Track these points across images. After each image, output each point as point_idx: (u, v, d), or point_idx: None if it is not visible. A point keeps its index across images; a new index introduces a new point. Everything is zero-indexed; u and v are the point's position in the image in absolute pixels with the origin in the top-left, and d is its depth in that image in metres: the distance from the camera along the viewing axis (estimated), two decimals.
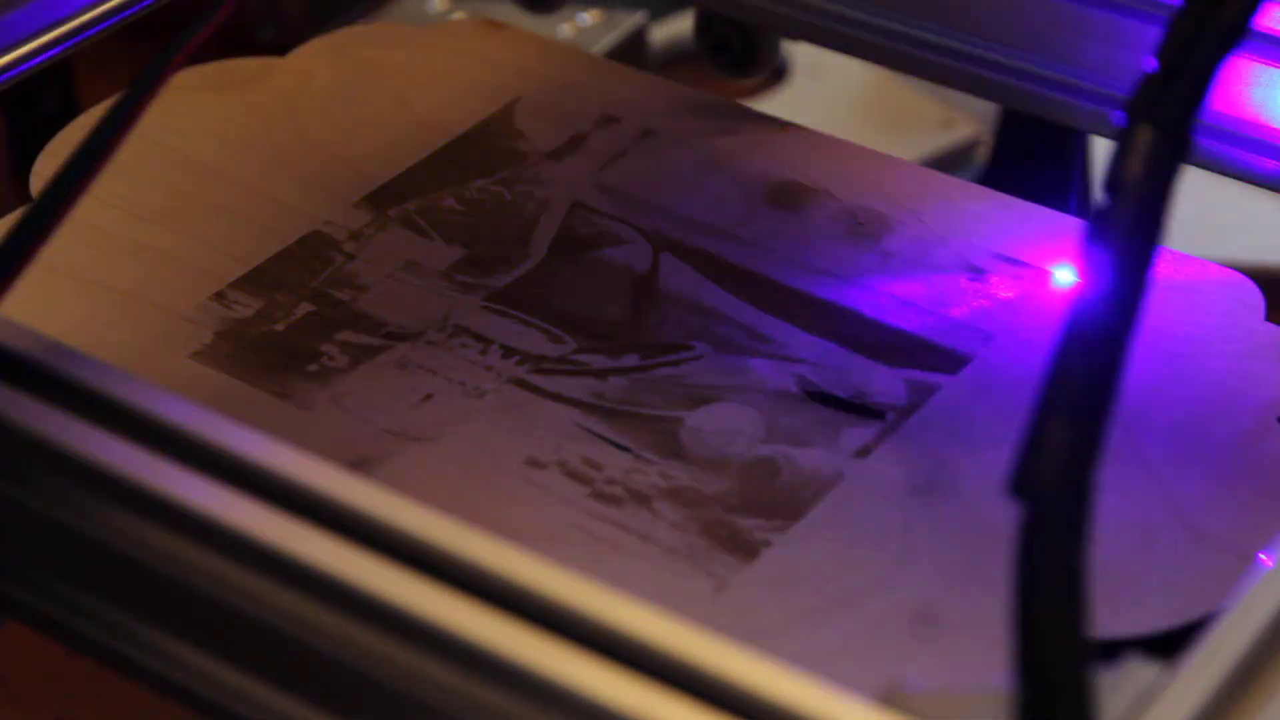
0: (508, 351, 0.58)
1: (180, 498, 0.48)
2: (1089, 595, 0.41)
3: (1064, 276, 0.60)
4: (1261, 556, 0.45)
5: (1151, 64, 0.43)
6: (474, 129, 0.66)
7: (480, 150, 0.66)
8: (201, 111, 0.67)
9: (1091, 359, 0.42)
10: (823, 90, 0.82)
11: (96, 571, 0.51)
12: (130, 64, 0.84)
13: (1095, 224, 0.43)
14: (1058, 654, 0.41)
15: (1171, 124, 0.43)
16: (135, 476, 0.49)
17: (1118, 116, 0.43)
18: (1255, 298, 0.60)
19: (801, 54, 0.83)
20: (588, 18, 0.81)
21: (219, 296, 0.60)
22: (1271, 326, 0.59)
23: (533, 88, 0.68)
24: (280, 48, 0.70)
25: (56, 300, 0.59)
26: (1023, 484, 0.41)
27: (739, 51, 0.70)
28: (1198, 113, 0.43)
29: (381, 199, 0.64)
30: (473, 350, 0.58)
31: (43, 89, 0.76)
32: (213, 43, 0.77)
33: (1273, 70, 0.61)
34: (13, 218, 0.62)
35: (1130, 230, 0.43)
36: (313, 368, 0.58)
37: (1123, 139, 0.43)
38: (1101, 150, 0.77)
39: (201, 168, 0.65)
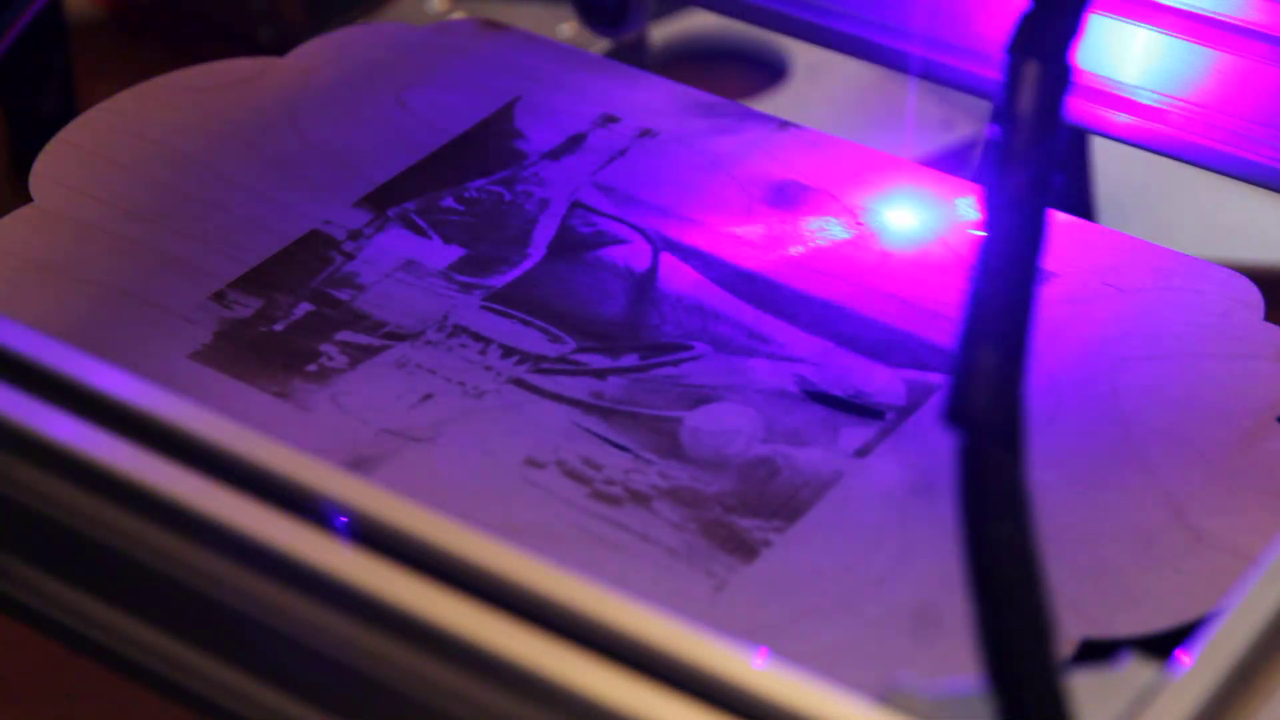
0: (507, 351, 0.58)
1: (180, 497, 0.48)
2: (1035, 512, 0.42)
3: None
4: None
5: (1028, 4, 0.45)
6: (474, 129, 0.66)
7: (480, 150, 0.66)
8: (201, 111, 0.67)
9: (1007, 286, 0.44)
10: (823, 90, 0.82)
11: (96, 571, 0.51)
12: (130, 63, 0.85)
13: (992, 157, 0.44)
14: (1009, 572, 0.42)
15: (1052, 56, 0.45)
16: (135, 476, 0.49)
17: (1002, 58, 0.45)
18: (1255, 298, 0.60)
19: (801, 54, 0.83)
20: None
21: (218, 296, 0.60)
22: (1271, 326, 0.59)
23: (533, 88, 0.68)
24: (280, 48, 0.70)
25: (56, 300, 0.59)
26: (958, 413, 0.43)
27: (611, 9, 0.71)
28: (1074, 44, 0.45)
29: (381, 199, 0.64)
30: (472, 350, 0.58)
31: (43, 89, 0.76)
32: (213, 43, 0.77)
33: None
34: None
35: (1027, 158, 0.44)
36: (312, 368, 0.58)
37: (1009, 76, 0.45)
38: (1101, 150, 0.77)
39: (201, 168, 0.65)
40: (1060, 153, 0.46)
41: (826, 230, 0.62)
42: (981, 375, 0.43)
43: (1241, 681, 0.45)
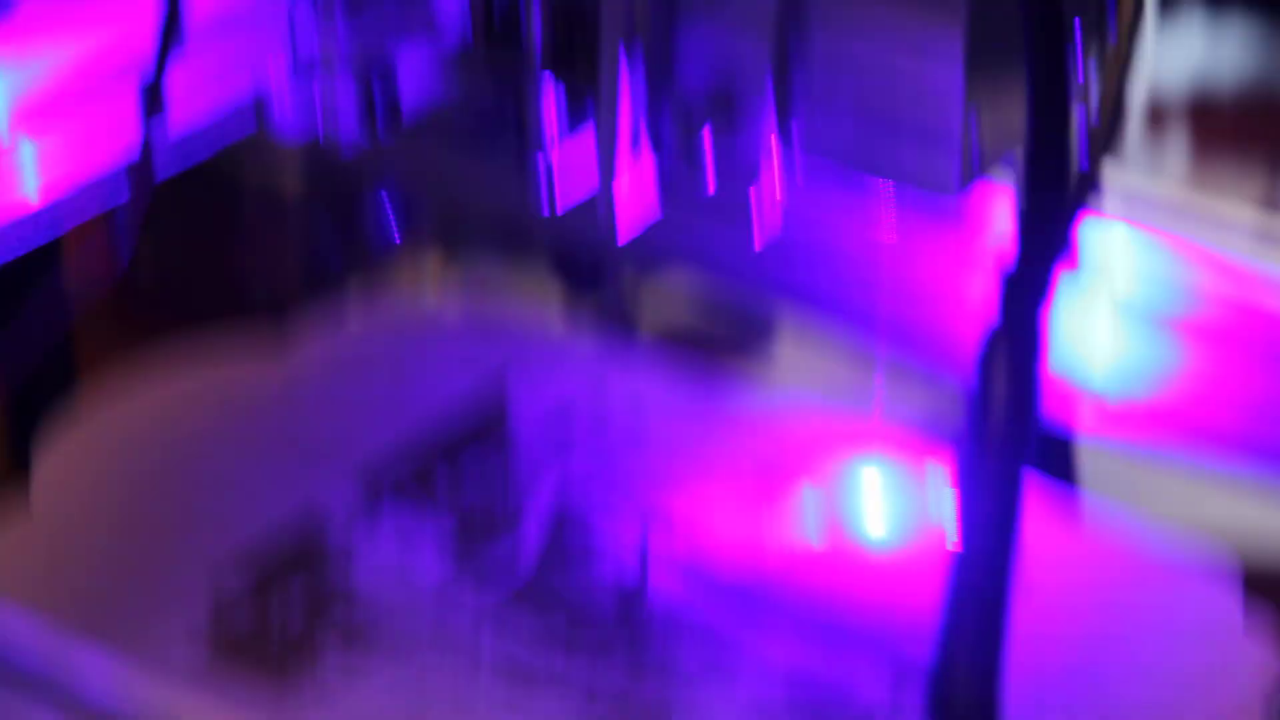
0: (500, 664, 0.59)
1: None
2: None
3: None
4: None
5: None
6: (464, 403, 0.67)
7: (470, 425, 0.66)
8: (198, 392, 0.67)
9: (983, 580, 0.44)
10: (810, 353, 0.82)
11: None
12: (130, 331, 0.85)
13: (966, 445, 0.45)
14: None
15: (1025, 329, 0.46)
16: None
17: None
18: (1230, 572, 0.60)
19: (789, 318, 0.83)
20: None
21: (214, 581, 0.60)
22: (1249, 604, 0.59)
23: (524, 366, 0.68)
24: (276, 320, 0.70)
25: (57, 585, 0.60)
26: (940, 706, 0.44)
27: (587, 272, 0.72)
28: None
29: (375, 475, 0.64)
30: (465, 663, 0.59)
31: (41, 368, 0.76)
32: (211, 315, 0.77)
33: None
34: None
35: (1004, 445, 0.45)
36: (305, 663, 0.58)
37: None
38: None
39: (199, 451, 0.65)
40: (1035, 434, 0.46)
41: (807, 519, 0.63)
42: (962, 669, 0.44)
43: None
